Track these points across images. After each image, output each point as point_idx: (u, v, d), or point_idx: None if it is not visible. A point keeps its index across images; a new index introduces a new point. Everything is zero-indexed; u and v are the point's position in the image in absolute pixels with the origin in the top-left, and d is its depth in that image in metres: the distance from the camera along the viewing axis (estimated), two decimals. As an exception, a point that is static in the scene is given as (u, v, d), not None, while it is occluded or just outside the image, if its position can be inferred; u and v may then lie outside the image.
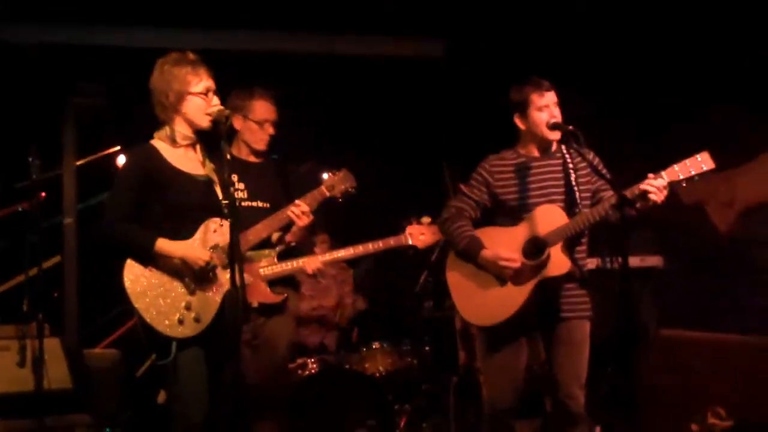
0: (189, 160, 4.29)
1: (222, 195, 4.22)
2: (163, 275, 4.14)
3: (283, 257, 4.85)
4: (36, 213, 5.37)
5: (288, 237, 4.85)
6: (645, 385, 5.44)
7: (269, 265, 4.76)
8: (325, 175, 4.89)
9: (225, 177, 4.04)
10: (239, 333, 4.10)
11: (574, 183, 4.54)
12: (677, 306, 6.19)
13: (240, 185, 4.91)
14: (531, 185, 4.62)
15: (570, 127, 4.47)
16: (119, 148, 7.01)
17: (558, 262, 4.45)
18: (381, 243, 4.98)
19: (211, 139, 4.32)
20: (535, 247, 4.50)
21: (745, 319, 5.90)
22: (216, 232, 4.23)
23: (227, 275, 4.04)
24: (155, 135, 4.30)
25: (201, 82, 4.22)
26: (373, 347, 6.18)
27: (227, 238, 4.08)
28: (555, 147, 4.68)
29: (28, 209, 5.47)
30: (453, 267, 4.74)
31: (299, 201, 4.72)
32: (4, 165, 6.66)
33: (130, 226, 4.12)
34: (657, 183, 4.25)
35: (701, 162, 4.26)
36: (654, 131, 6.45)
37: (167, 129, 4.27)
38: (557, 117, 4.57)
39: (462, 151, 6.53)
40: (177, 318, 4.09)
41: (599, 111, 6.37)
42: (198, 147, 4.33)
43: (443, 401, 6.27)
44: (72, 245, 7.02)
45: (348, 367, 6.08)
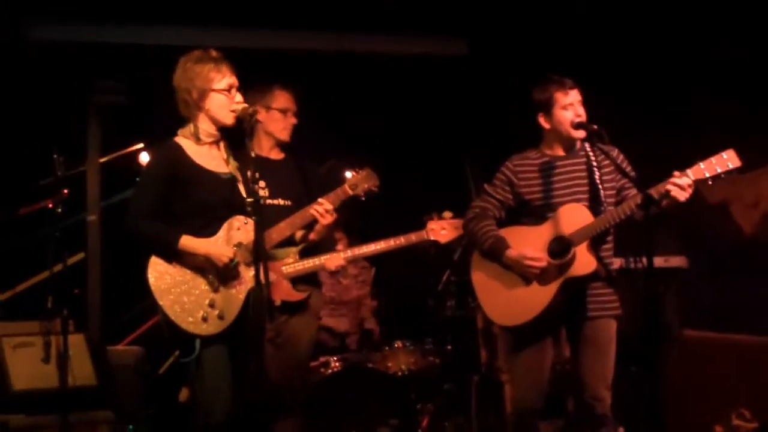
0: (213, 157, 4.30)
1: (246, 193, 4.22)
2: (187, 272, 4.15)
3: (305, 255, 4.85)
4: (60, 210, 5.38)
5: (312, 235, 4.85)
6: (669, 386, 5.41)
7: (292, 263, 4.76)
8: (348, 174, 4.89)
9: (249, 175, 4.04)
10: (263, 331, 4.12)
11: (598, 182, 4.52)
12: (701, 307, 6.15)
13: (261, 183, 4.91)
14: (555, 185, 4.60)
15: (594, 126, 4.45)
16: (142, 145, 7.03)
17: (583, 261, 4.43)
18: (403, 239, 4.98)
19: (235, 137, 4.33)
20: (561, 247, 4.47)
21: (770, 321, 5.86)
22: (240, 229, 4.23)
23: (251, 273, 4.05)
24: (179, 132, 4.31)
25: (224, 79, 4.23)
26: (396, 346, 6.17)
27: (251, 236, 4.09)
28: (579, 146, 4.66)
29: (52, 206, 5.48)
30: (478, 267, 4.73)
31: (322, 199, 4.72)
32: (28, 163, 6.69)
33: (154, 222, 4.14)
34: (682, 181, 4.22)
35: (727, 160, 4.23)
36: (679, 130, 6.41)
37: (191, 126, 4.28)
38: (582, 115, 4.55)
39: (484, 149, 6.53)
40: (201, 315, 4.10)
41: (622, 108, 6.33)
42: (222, 144, 4.34)
43: (465, 400, 6.26)
44: (95, 242, 7.03)
45: (370, 366, 6.08)
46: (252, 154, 4.07)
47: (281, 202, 4.97)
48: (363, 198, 4.84)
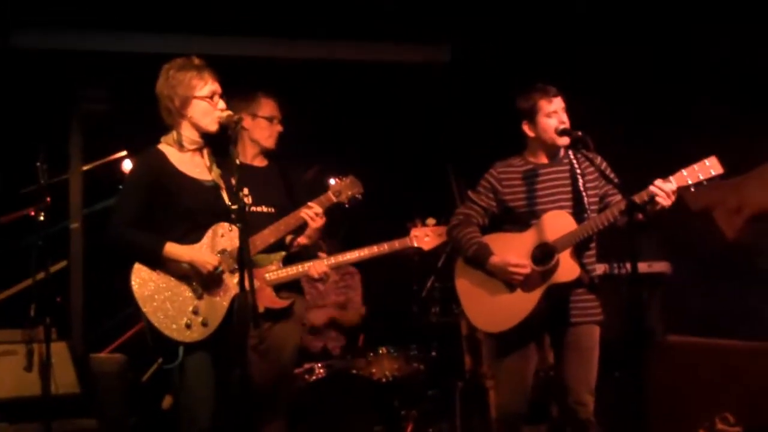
0: (196, 165, 4.30)
1: (230, 200, 4.22)
2: (171, 279, 4.14)
3: (289, 262, 4.85)
4: (42, 218, 5.36)
5: (302, 239, 4.85)
6: (652, 391, 5.41)
7: (275, 270, 4.76)
8: (332, 181, 4.88)
9: (233, 182, 4.04)
10: (247, 337, 4.11)
11: (582, 189, 4.54)
12: (684, 312, 6.18)
13: (245, 190, 4.90)
14: (539, 192, 4.62)
15: (579, 133, 4.46)
16: (125, 153, 7.02)
17: (567, 267, 4.45)
18: (386, 246, 4.97)
19: (219, 144, 4.33)
20: (544, 253, 4.49)
21: (753, 326, 5.88)
22: (224, 236, 4.23)
23: (234, 280, 4.05)
24: (162, 140, 4.31)
25: (206, 86, 4.23)
26: (380, 352, 6.17)
27: (235, 242, 4.09)
28: (563, 153, 4.68)
29: (34, 214, 5.46)
30: (462, 274, 4.74)
31: (312, 203, 4.72)
32: (10, 170, 6.66)
33: (138, 230, 4.13)
34: (665, 187, 4.24)
35: (710, 167, 4.26)
36: (661, 136, 6.43)
37: (174, 134, 4.28)
38: (566, 123, 4.57)
39: (467, 156, 6.54)
40: (184, 322, 4.10)
41: (605, 114, 6.36)
42: (205, 152, 4.34)
43: (450, 407, 6.27)
44: (78, 250, 7.03)
45: (355, 373, 6.07)
46: (236, 161, 4.06)
47: (265, 209, 4.96)
48: (347, 205, 4.84)
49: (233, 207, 4.06)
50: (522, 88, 4.71)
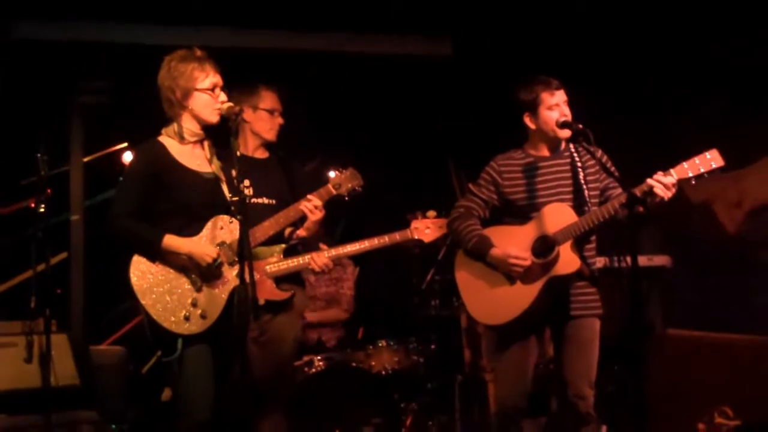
0: (196, 157, 4.30)
1: (230, 192, 4.22)
2: (170, 272, 4.14)
3: (289, 254, 4.85)
4: (43, 209, 5.36)
5: (301, 232, 4.84)
6: (652, 385, 5.40)
7: (275, 262, 4.75)
8: (332, 174, 4.88)
9: (234, 174, 4.03)
10: (246, 330, 4.11)
11: (582, 182, 4.54)
12: (684, 305, 6.18)
13: (246, 182, 4.90)
14: (540, 185, 4.61)
15: (580, 126, 4.46)
16: (126, 144, 7.02)
17: (567, 260, 4.44)
18: (387, 238, 4.97)
19: (219, 137, 4.33)
20: (544, 246, 4.49)
21: (753, 319, 5.88)
22: (223, 229, 4.23)
23: (233, 272, 4.05)
24: (163, 131, 4.31)
25: (207, 78, 4.23)
26: (379, 345, 6.16)
27: (234, 235, 4.08)
28: (563, 146, 4.67)
29: (34, 206, 5.46)
30: (461, 266, 4.74)
31: (311, 196, 4.72)
32: (10, 162, 6.66)
33: (137, 221, 4.13)
34: (665, 180, 4.23)
35: (710, 159, 4.25)
36: (662, 130, 6.43)
37: (175, 125, 4.28)
38: (567, 115, 4.56)
39: (468, 149, 6.53)
40: (183, 314, 4.10)
41: (607, 108, 6.35)
42: (206, 144, 4.34)
43: (449, 400, 6.27)
44: (78, 242, 7.02)
45: (354, 365, 6.07)
46: (237, 153, 4.06)
47: (265, 200, 4.96)
48: (347, 198, 4.84)
49: (233, 199, 4.06)
50: (523, 81, 4.70)
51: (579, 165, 4.58)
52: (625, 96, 6.63)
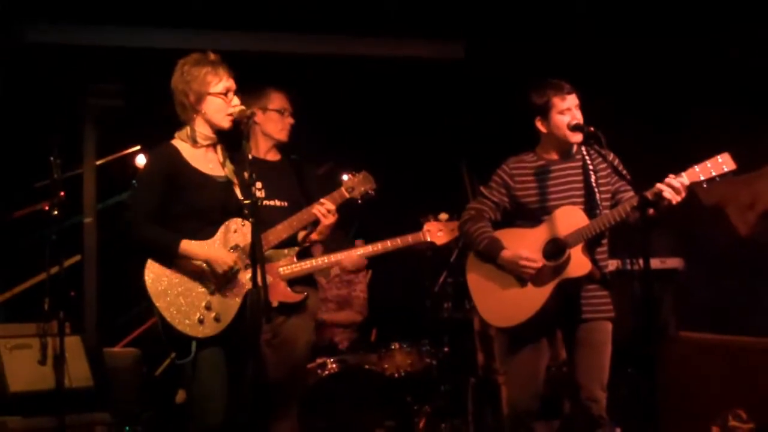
0: (209, 160, 4.30)
1: (243, 195, 4.22)
2: (184, 275, 4.15)
3: (302, 257, 4.86)
4: (56, 212, 5.38)
5: (314, 235, 4.84)
6: (665, 387, 5.41)
7: (288, 265, 4.77)
8: (345, 177, 4.89)
9: (246, 177, 4.04)
10: (260, 333, 4.12)
11: (594, 185, 4.54)
12: (697, 308, 6.17)
13: (258, 184, 4.90)
14: (551, 188, 4.61)
15: (591, 129, 4.45)
16: (139, 147, 7.05)
17: (578, 263, 4.44)
18: (399, 240, 4.98)
19: (232, 140, 4.34)
20: (556, 249, 4.49)
21: (766, 322, 5.86)
22: (236, 232, 4.24)
23: (247, 275, 4.05)
24: (176, 135, 4.32)
25: (221, 82, 4.24)
26: (392, 347, 6.17)
27: (247, 238, 4.09)
28: (575, 149, 4.67)
29: (48, 208, 5.48)
30: (473, 268, 4.74)
31: (324, 200, 4.72)
32: (24, 165, 6.70)
33: (154, 226, 4.14)
34: (675, 183, 4.23)
35: (722, 163, 4.24)
36: (674, 133, 6.42)
37: (188, 129, 4.29)
38: (579, 119, 4.55)
39: (480, 152, 6.54)
40: (197, 317, 4.11)
41: (620, 112, 6.35)
42: (219, 148, 4.34)
43: (462, 402, 6.27)
44: (92, 244, 7.05)
45: (367, 368, 6.08)
46: (249, 156, 4.07)
47: (278, 203, 4.97)
48: (360, 201, 4.84)
49: (246, 202, 4.07)
50: (535, 84, 4.70)
51: (591, 168, 4.57)
52: (638, 99, 6.62)
